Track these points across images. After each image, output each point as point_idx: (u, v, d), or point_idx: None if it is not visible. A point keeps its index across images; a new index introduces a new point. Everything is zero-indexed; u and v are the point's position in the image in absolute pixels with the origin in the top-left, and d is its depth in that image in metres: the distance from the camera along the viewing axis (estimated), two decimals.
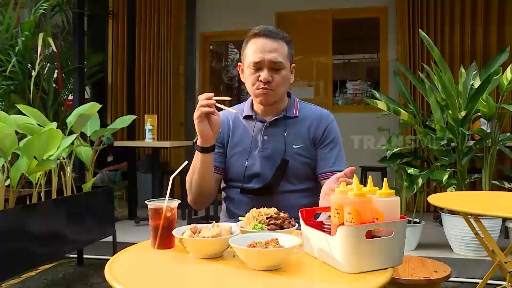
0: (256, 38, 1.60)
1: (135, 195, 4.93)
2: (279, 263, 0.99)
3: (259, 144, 1.65)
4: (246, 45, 1.64)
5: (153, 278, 0.97)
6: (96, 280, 3.15)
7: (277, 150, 1.62)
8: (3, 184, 2.40)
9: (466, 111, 3.54)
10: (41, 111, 3.52)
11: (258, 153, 1.63)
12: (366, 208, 0.98)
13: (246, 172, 1.63)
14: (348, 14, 5.83)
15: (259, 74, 1.58)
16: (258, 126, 1.67)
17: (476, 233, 2.25)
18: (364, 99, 4.52)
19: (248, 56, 1.61)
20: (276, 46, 1.58)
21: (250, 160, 1.63)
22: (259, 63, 1.57)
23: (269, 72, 1.57)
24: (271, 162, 1.61)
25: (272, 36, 1.59)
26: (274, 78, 1.58)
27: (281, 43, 1.60)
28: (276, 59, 1.57)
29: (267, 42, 1.58)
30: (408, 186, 3.55)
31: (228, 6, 6.00)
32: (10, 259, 2.33)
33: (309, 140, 1.64)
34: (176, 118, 6.07)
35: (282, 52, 1.59)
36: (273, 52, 1.57)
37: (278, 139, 1.63)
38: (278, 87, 1.59)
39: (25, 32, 3.73)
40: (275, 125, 1.65)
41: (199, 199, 1.60)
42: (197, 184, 1.55)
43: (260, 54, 1.57)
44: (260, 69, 1.58)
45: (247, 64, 1.61)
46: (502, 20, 5.13)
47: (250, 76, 1.60)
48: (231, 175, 1.67)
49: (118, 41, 6.12)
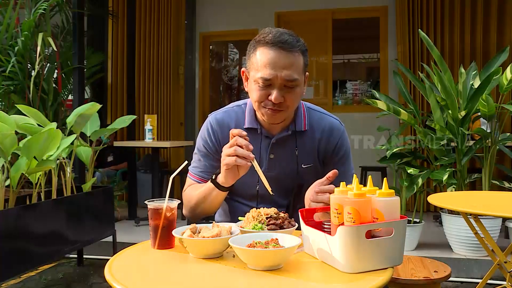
0: (267, 48, 1.36)
1: (135, 195, 4.93)
2: (279, 263, 0.99)
3: (265, 163, 1.49)
4: (254, 52, 1.40)
5: (153, 278, 0.97)
6: (96, 280, 3.15)
7: (284, 172, 1.49)
8: (3, 184, 2.40)
9: (466, 111, 3.54)
10: (41, 111, 3.52)
11: (264, 173, 1.40)
12: (366, 208, 0.98)
13: (259, 194, 1.49)
14: (348, 14, 5.83)
15: (269, 92, 1.36)
16: (264, 143, 1.49)
17: (476, 233, 2.25)
18: (364, 99, 4.52)
19: (256, 67, 1.37)
20: (291, 61, 1.35)
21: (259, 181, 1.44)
22: (270, 80, 1.35)
23: (281, 92, 1.36)
24: (278, 184, 1.44)
25: (287, 49, 1.35)
26: (286, 98, 1.37)
27: (297, 55, 1.37)
28: (291, 76, 1.35)
29: (281, 56, 1.34)
30: (408, 186, 3.55)
31: (228, 6, 6.00)
32: (10, 259, 2.33)
33: (318, 156, 1.51)
34: (176, 118, 6.07)
35: (297, 67, 1.37)
36: (287, 68, 1.34)
37: (286, 159, 1.49)
38: (289, 107, 1.40)
39: (24, 32, 3.73)
40: (282, 143, 1.48)
41: (200, 216, 1.50)
42: (205, 210, 1.46)
43: (272, 71, 1.34)
44: (270, 86, 1.36)
45: (255, 77, 1.38)
46: (501, 20, 5.13)
47: (257, 92, 1.38)
48: (241, 193, 1.52)
49: (118, 41, 6.13)
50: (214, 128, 1.54)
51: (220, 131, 1.52)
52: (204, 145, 1.55)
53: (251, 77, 1.41)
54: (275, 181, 1.42)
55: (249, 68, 1.43)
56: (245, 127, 1.49)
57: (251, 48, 1.42)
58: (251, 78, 1.41)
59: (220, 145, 1.48)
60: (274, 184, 1.40)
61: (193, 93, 6.16)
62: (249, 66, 1.43)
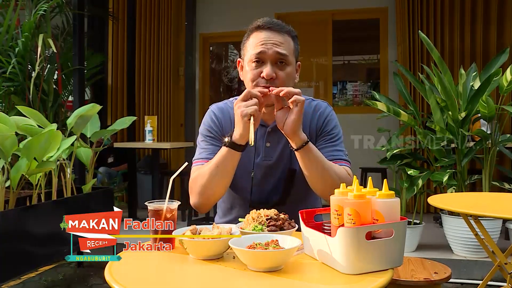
0: (259, 31, 1.45)
1: (135, 196, 4.93)
2: (279, 264, 0.99)
3: (261, 151, 1.53)
4: (247, 39, 1.49)
5: (153, 280, 0.97)
6: (96, 281, 3.15)
7: (281, 158, 1.52)
8: (3, 185, 2.40)
9: (466, 112, 3.54)
10: (41, 112, 3.52)
11: (261, 161, 1.52)
12: (366, 209, 0.98)
13: (253, 183, 1.52)
14: (348, 15, 5.83)
15: (261, 69, 1.41)
16: (260, 132, 1.53)
17: (476, 234, 2.25)
18: (364, 100, 4.52)
19: (249, 49, 1.45)
20: (281, 39, 1.43)
21: (255, 169, 1.51)
22: (261, 54, 1.41)
23: (273, 68, 1.41)
24: (275, 171, 1.51)
25: (277, 29, 1.44)
26: (278, 75, 1.42)
27: (286, 37, 1.45)
28: (282, 51, 1.41)
29: (271, 35, 1.43)
30: (408, 187, 3.55)
31: (228, 7, 6.00)
32: (10, 261, 2.33)
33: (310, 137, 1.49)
34: (176, 119, 6.07)
35: (288, 46, 1.44)
36: (277, 45, 1.42)
37: (282, 147, 1.52)
38: (282, 85, 1.40)
39: (25, 33, 3.73)
40: (277, 130, 1.48)
41: (210, 201, 1.47)
42: (217, 186, 1.42)
43: (263, 47, 1.41)
44: (262, 63, 1.42)
45: (248, 58, 1.45)
46: (501, 21, 5.13)
47: (251, 72, 1.43)
48: (236, 183, 1.51)
49: (118, 42, 6.13)
50: (217, 115, 1.57)
51: (223, 118, 1.57)
52: (210, 129, 1.56)
53: (245, 62, 1.48)
54: (272, 168, 1.52)
55: (243, 55, 1.50)
56: None
57: (245, 37, 1.50)
58: (245, 64, 1.48)
59: (224, 132, 1.53)
60: (270, 170, 1.52)
61: (193, 94, 6.16)
62: (244, 53, 1.50)
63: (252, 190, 1.53)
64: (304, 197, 1.56)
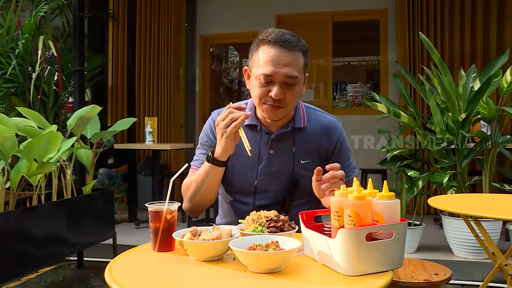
0: (269, 47, 1.41)
1: (135, 197, 4.93)
2: (279, 265, 0.99)
3: (264, 158, 1.52)
4: (256, 50, 1.45)
5: (153, 281, 0.97)
6: (96, 282, 3.14)
7: (284, 167, 1.52)
8: (3, 186, 2.40)
9: (466, 113, 3.54)
10: (41, 113, 3.53)
11: (263, 168, 1.52)
12: (366, 210, 0.98)
13: (257, 189, 1.53)
14: (348, 16, 5.84)
15: (270, 88, 1.41)
16: (264, 139, 1.53)
17: (476, 235, 2.25)
18: (364, 102, 4.52)
19: (258, 64, 1.42)
20: (292, 59, 1.40)
21: (258, 176, 1.52)
22: (271, 76, 1.40)
23: (281, 89, 1.40)
24: (277, 179, 1.52)
25: (288, 47, 1.40)
26: (286, 95, 1.41)
27: (297, 54, 1.42)
28: (291, 73, 1.40)
29: (282, 54, 1.39)
30: (408, 188, 3.55)
31: (228, 8, 6.01)
32: (10, 262, 2.33)
33: (317, 154, 1.54)
34: (176, 121, 6.08)
35: (297, 65, 1.42)
36: (288, 66, 1.39)
37: (285, 155, 1.52)
38: (289, 105, 1.44)
39: (25, 35, 3.74)
40: (282, 139, 1.52)
41: (199, 207, 1.52)
42: (204, 195, 1.47)
43: (273, 67, 1.39)
44: (271, 83, 1.41)
45: (256, 74, 1.43)
46: (501, 23, 5.14)
47: (258, 89, 1.42)
48: (238, 189, 1.55)
49: (119, 44, 6.14)
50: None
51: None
52: (207, 139, 1.58)
53: (253, 74, 1.46)
54: (274, 176, 1.51)
55: (251, 66, 1.48)
56: (246, 124, 1.53)
57: (254, 47, 1.47)
58: (253, 76, 1.46)
59: None
60: (273, 178, 1.51)
61: (194, 95, 6.17)
62: (251, 64, 1.48)
63: (255, 196, 1.54)
64: (306, 203, 1.55)
